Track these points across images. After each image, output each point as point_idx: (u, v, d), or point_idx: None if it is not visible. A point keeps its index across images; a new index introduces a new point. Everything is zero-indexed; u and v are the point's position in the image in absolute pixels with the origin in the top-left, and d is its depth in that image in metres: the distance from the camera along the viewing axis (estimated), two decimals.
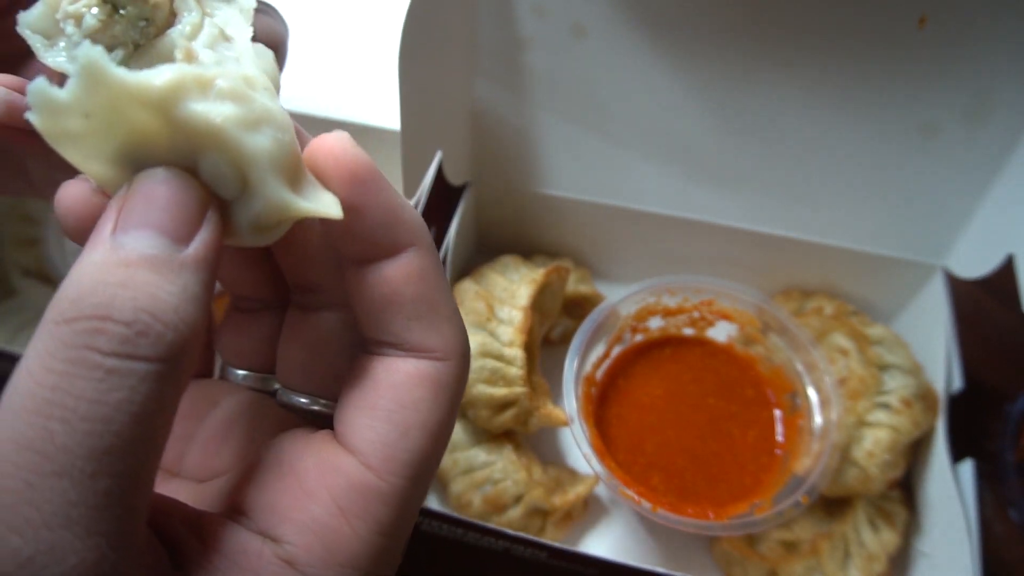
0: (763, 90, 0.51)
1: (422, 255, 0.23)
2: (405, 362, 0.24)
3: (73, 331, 0.18)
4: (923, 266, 0.57)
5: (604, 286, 0.64)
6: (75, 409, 0.17)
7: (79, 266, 0.19)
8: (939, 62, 0.47)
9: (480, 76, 0.55)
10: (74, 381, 0.17)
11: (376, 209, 0.22)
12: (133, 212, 0.20)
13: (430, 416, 0.23)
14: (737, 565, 0.52)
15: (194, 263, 0.20)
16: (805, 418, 0.51)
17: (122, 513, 0.18)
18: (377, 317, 0.24)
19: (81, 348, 0.17)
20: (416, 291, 0.23)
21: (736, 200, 0.57)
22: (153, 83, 0.19)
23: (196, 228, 0.20)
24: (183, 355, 0.19)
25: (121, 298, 0.18)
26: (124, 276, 0.19)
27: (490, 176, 0.61)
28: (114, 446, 0.17)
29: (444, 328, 0.24)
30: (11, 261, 0.61)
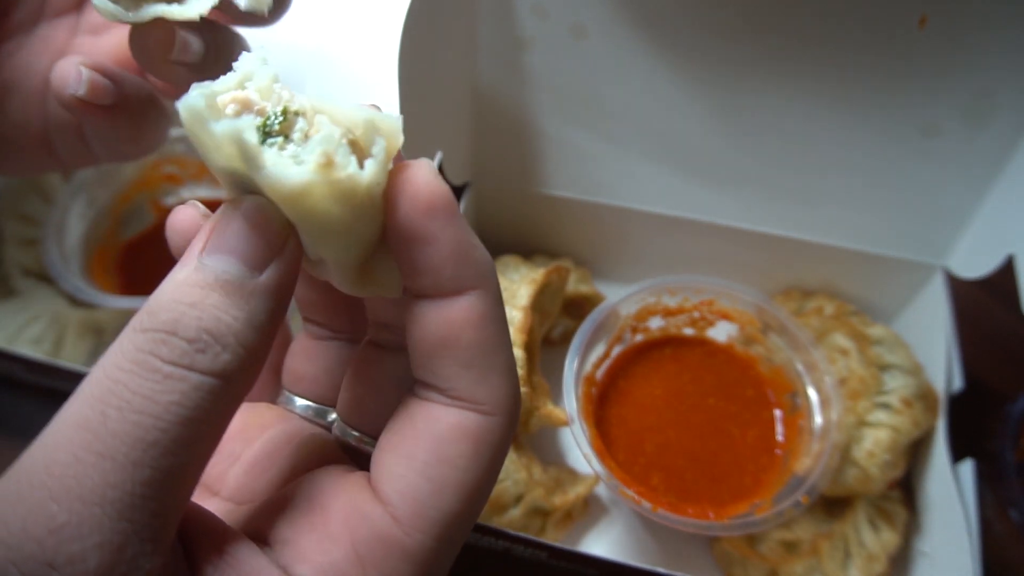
0: (763, 90, 0.51)
1: (486, 300, 0.23)
2: (450, 412, 0.23)
3: (144, 339, 0.20)
4: (923, 266, 0.57)
5: (604, 286, 0.64)
6: (130, 401, 0.19)
7: (167, 281, 0.21)
8: (939, 62, 0.47)
9: (480, 76, 0.55)
10: (134, 378, 0.19)
11: (446, 244, 0.22)
12: (219, 236, 0.21)
13: (467, 474, 0.23)
14: (737, 565, 0.52)
15: (264, 291, 0.21)
16: (805, 418, 0.51)
17: (156, 508, 0.19)
18: (429, 358, 0.23)
19: (146, 353, 0.19)
20: (474, 337, 0.22)
21: (736, 200, 0.57)
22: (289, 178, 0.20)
23: (272, 258, 0.21)
24: (238, 375, 0.20)
25: (188, 316, 0.20)
26: (197, 297, 0.20)
27: (490, 176, 0.61)
28: (159, 441, 0.19)
29: (497, 381, 0.23)
30: (11, 261, 0.61)
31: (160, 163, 0.63)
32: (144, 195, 0.64)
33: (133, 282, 0.61)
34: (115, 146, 0.40)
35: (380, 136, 0.21)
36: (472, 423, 0.23)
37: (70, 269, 0.55)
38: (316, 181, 0.20)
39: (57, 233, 0.57)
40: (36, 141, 0.40)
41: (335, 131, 0.21)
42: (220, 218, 0.21)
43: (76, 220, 0.59)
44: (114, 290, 0.60)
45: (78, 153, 0.41)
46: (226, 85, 0.22)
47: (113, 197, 0.62)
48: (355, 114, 0.21)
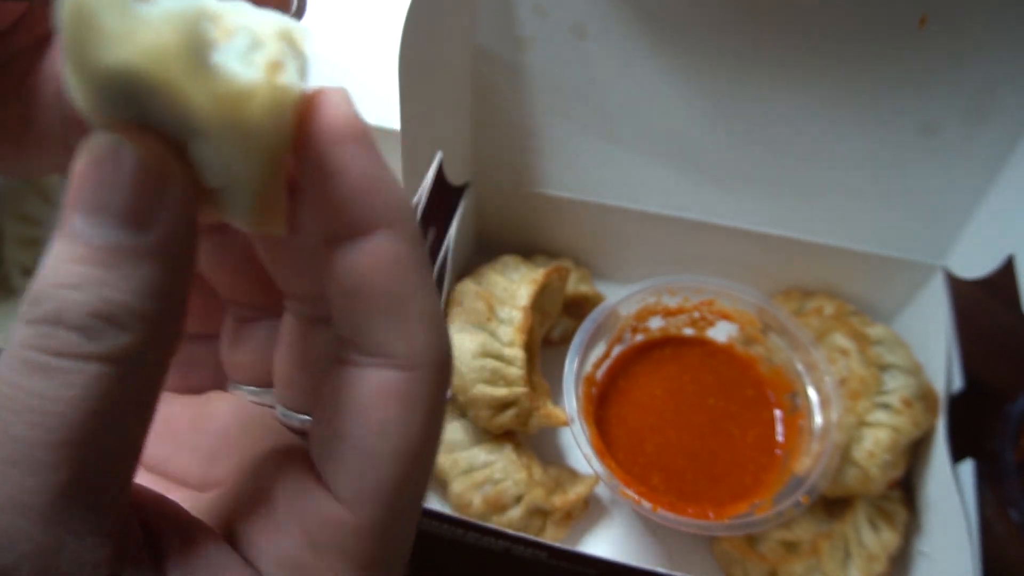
0: (763, 90, 0.51)
1: (397, 239, 0.20)
2: (371, 374, 0.20)
3: (30, 333, 0.17)
4: (923, 266, 0.57)
5: (604, 286, 0.64)
6: (27, 403, 0.17)
7: (48, 255, 0.18)
8: (939, 62, 0.47)
9: (480, 76, 0.55)
10: (25, 378, 0.17)
11: (353, 176, 0.19)
12: (86, 193, 0.18)
13: (401, 440, 0.20)
14: (737, 565, 0.52)
15: (157, 249, 0.18)
16: (805, 418, 0.51)
17: (88, 502, 0.18)
18: (343, 310, 0.21)
19: (34, 350, 0.17)
20: (383, 282, 0.20)
21: (736, 200, 0.57)
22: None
23: (156, 206, 0.18)
24: (147, 351, 0.18)
25: (71, 302, 0.17)
26: (77, 275, 0.17)
27: (490, 176, 0.61)
28: (70, 439, 0.17)
29: (414, 329, 0.20)
30: (11, 261, 0.61)
31: None
32: None
33: None
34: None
35: (295, 49, 0.19)
36: (394, 382, 0.20)
37: None
38: (262, 84, 0.18)
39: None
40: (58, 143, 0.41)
41: (264, 36, 0.18)
42: (82, 167, 0.18)
43: None
44: None
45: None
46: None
47: None
48: (267, 21, 0.19)
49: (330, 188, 0.20)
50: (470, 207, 0.61)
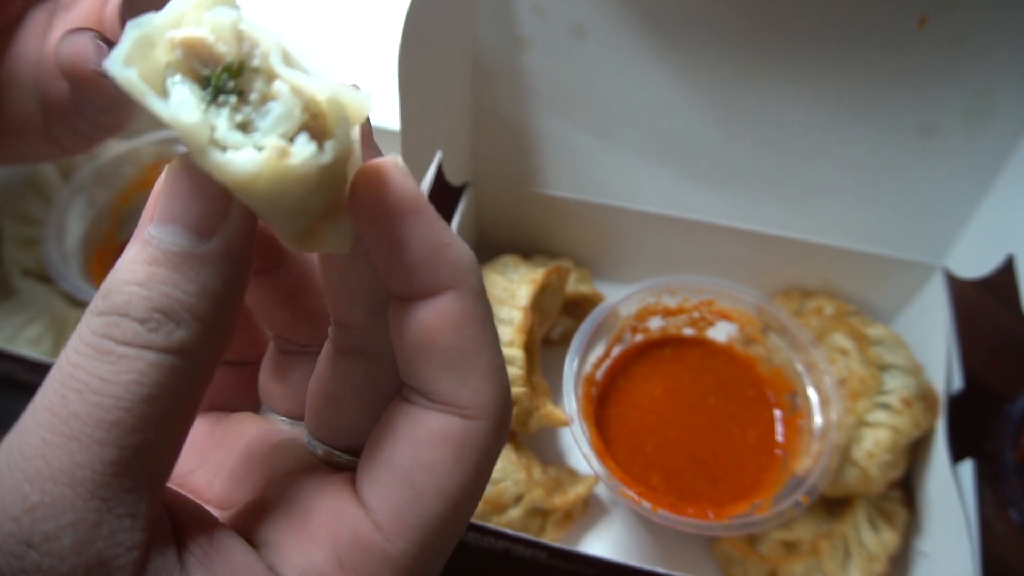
0: (763, 90, 0.51)
1: (463, 299, 0.21)
2: (430, 416, 0.22)
3: (98, 322, 0.19)
4: (923, 266, 0.57)
5: (604, 286, 0.64)
6: (88, 383, 0.19)
7: (121, 258, 0.20)
8: (939, 62, 0.47)
9: (480, 76, 0.55)
10: (90, 361, 0.19)
11: (416, 247, 0.21)
12: (162, 204, 0.20)
13: (449, 480, 0.21)
14: (737, 565, 0.52)
15: (216, 258, 0.20)
16: (805, 418, 0.51)
17: (129, 484, 0.19)
18: (410, 361, 0.22)
19: (100, 336, 0.19)
20: (452, 339, 0.21)
21: (736, 200, 0.57)
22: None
23: (218, 220, 0.20)
24: (199, 348, 0.20)
25: (138, 297, 0.19)
26: (145, 274, 0.19)
27: (490, 176, 0.61)
28: (122, 420, 0.19)
29: (478, 382, 0.22)
30: (11, 261, 0.61)
31: (159, 163, 0.63)
32: (144, 195, 0.64)
33: None
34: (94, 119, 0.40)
35: (345, 116, 0.20)
36: (455, 427, 0.22)
37: (70, 269, 0.55)
38: (265, 170, 0.19)
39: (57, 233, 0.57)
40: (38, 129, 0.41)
41: (295, 107, 0.19)
42: (163, 183, 0.20)
43: (76, 220, 0.59)
44: None
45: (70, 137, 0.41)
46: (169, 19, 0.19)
47: (113, 197, 0.62)
48: (319, 87, 0.20)
49: (399, 257, 0.21)
50: (470, 207, 0.61)
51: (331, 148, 0.19)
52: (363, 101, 0.20)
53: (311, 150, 0.19)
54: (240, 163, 0.18)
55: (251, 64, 0.19)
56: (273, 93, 0.19)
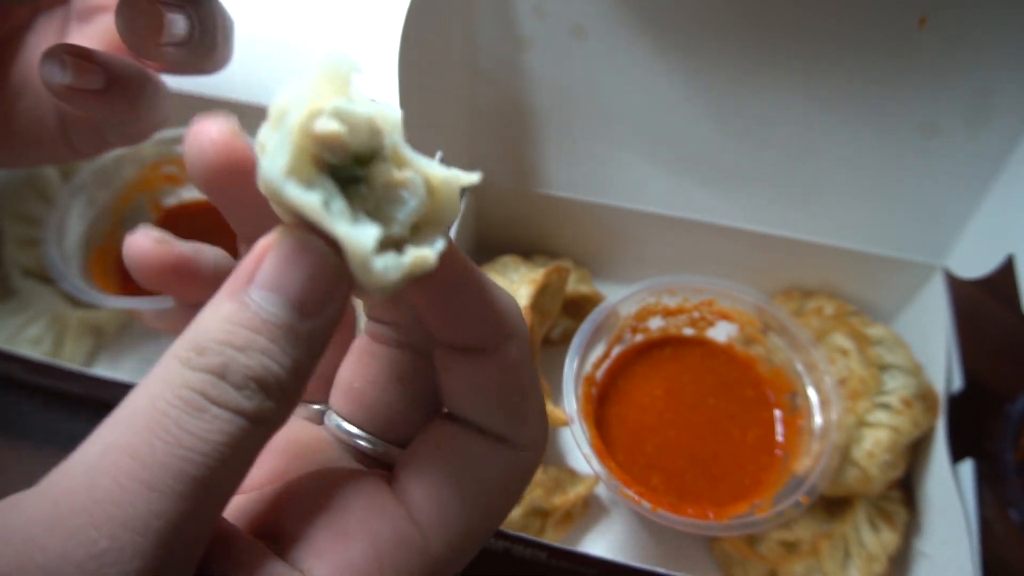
0: (763, 90, 0.51)
1: (517, 349, 0.23)
2: (486, 440, 0.24)
3: (194, 378, 0.19)
4: (923, 266, 0.57)
5: (604, 286, 0.64)
6: (178, 437, 0.19)
7: (213, 311, 0.20)
8: (939, 62, 0.47)
9: (480, 76, 0.55)
10: (183, 415, 0.19)
11: (474, 312, 0.23)
12: (273, 271, 0.20)
13: (494, 499, 0.23)
14: (737, 565, 0.52)
15: (312, 338, 0.20)
16: (805, 418, 0.51)
17: (193, 537, 0.19)
18: (463, 401, 0.24)
19: (196, 392, 0.19)
20: (506, 385, 0.23)
21: (736, 200, 0.57)
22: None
23: (325, 305, 0.21)
24: (278, 418, 0.20)
25: (237, 363, 0.20)
26: (246, 340, 0.20)
27: (490, 176, 0.61)
28: (203, 477, 0.19)
29: (528, 420, 0.24)
30: (11, 261, 0.61)
31: (160, 163, 0.63)
32: (144, 195, 0.64)
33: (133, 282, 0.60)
34: (119, 128, 0.40)
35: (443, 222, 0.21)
36: (506, 455, 0.24)
37: (70, 269, 0.55)
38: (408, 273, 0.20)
39: (57, 233, 0.57)
40: (54, 134, 0.41)
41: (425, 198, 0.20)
42: (274, 249, 0.20)
43: (76, 220, 0.59)
44: (114, 290, 0.59)
45: (91, 142, 0.41)
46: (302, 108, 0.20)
47: (113, 197, 0.62)
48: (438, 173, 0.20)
49: (452, 322, 0.23)
50: (470, 207, 0.61)
51: (442, 240, 0.20)
52: (463, 179, 0.21)
53: (441, 245, 0.20)
54: (391, 273, 0.19)
55: (382, 154, 0.20)
56: (403, 181, 0.20)
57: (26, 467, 0.57)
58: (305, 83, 0.20)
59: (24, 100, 0.40)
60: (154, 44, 0.34)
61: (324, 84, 0.20)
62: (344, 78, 0.21)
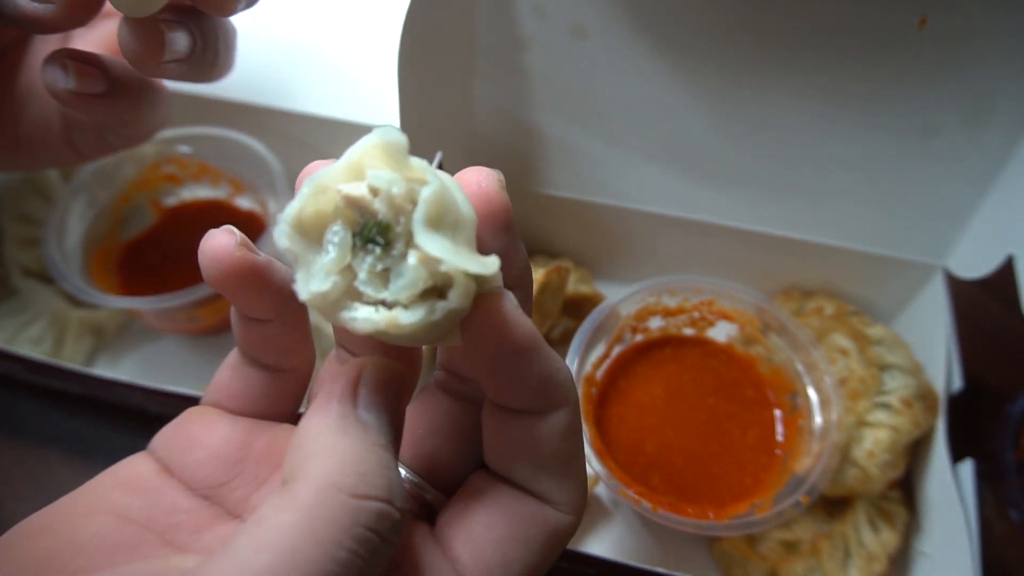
0: (763, 90, 0.51)
1: (570, 415, 0.24)
2: (530, 500, 0.24)
3: (365, 511, 0.19)
4: (923, 266, 0.57)
5: (604, 286, 0.64)
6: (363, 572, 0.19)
7: (337, 435, 0.21)
8: (939, 62, 0.47)
9: (480, 76, 0.55)
10: (355, 560, 0.19)
11: (532, 379, 0.23)
12: (377, 394, 0.22)
13: (535, 558, 0.24)
14: (737, 565, 0.52)
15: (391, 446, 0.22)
16: (805, 418, 0.51)
17: None
18: (510, 460, 0.24)
19: (367, 529, 0.19)
20: (555, 449, 0.24)
21: (736, 200, 0.57)
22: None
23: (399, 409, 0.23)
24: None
25: (394, 485, 0.20)
26: (383, 462, 0.21)
27: None
28: None
29: (572, 484, 0.24)
30: (11, 261, 0.61)
31: (160, 163, 0.63)
32: (144, 195, 0.64)
33: (133, 282, 0.61)
34: (121, 130, 0.40)
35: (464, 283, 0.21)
36: (551, 516, 0.24)
37: (70, 269, 0.55)
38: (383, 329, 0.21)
39: (57, 233, 0.57)
40: (59, 138, 0.41)
41: (419, 279, 0.21)
42: (369, 376, 0.22)
43: (76, 220, 0.59)
44: (114, 290, 0.60)
45: (95, 145, 0.41)
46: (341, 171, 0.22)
47: (113, 197, 0.62)
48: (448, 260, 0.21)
49: (510, 388, 0.23)
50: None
51: (441, 309, 0.21)
52: (489, 266, 0.21)
53: (420, 315, 0.21)
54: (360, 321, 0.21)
55: (396, 229, 0.22)
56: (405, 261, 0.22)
57: (26, 467, 0.57)
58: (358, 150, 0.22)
59: (30, 106, 0.40)
60: (157, 62, 0.35)
61: (379, 154, 0.22)
62: (399, 150, 0.22)
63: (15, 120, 0.40)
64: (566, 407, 0.24)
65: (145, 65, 0.35)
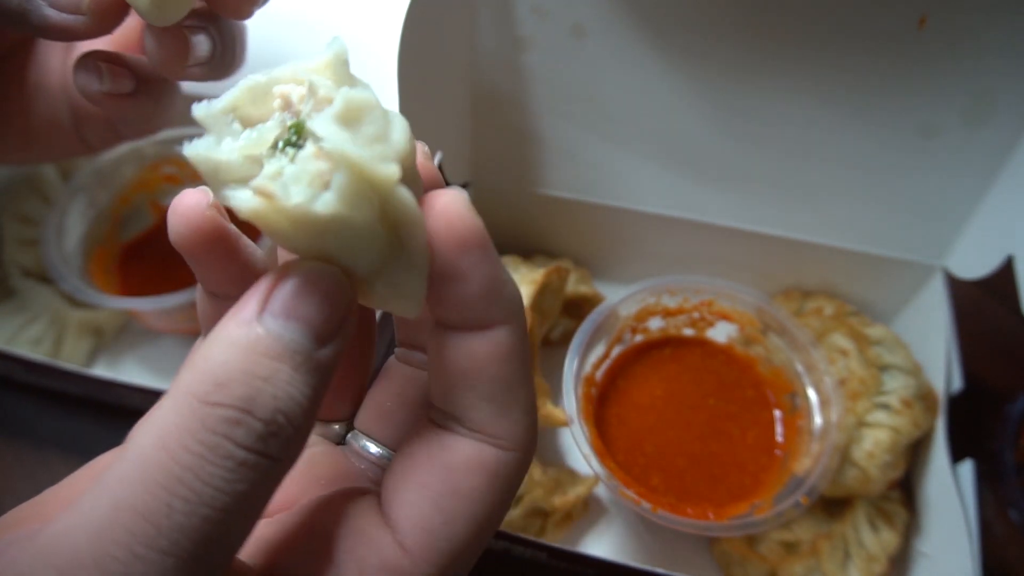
0: (763, 90, 0.51)
1: (513, 335, 0.22)
2: (466, 443, 0.22)
3: (216, 416, 0.18)
4: (923, 266, 0.57)
5: (604, 286, 0.64)
6: (200, 493, 0.17)
7: (223, 341, 0.19)
8: (939, 62, 0.47)
9: (480, 76, 0.55)
10: (205, 466, 0.17)
11: (478, 281, 0.21)
12: (287, 299, 0.20)
13: (480, 507, 0.22)
14: (737, 565, 0.51)
15: (326, 367, 0.20)
16: (805, 419, 0.51)
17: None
18: (450, 388, 0.23)
19: (220, 436, 0.18)
20: (497, 372, 0.22)
21: (736, 200, 0.57)
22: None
23: (339, 332, 0.20)
24: (297, 456, 0.19)
25: (264, 394, 0.18)
26: (269, 370, 0.18)
27: (490, 176, 0.61)
28: (222, 535, 0.18)
29: (516, 416, 0.23)
30: (11, 261, 0.61)
31: (159, 163, 0.63)
32: (144, 196, 0.64)
33: (133, 282, 0.61)
34: (139, 124, 0.41)
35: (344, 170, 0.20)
36: (489, 456, 0.22)
37: (70, 269, 0.55)
38: (262, 210, 0.20)
39: (57, 233, 0.57)
40: (69, 131, 0.42)
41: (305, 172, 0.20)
42: (290, 277, 0.20)
43: (76, 221, 0.59)
44: (114, 290, 0.60)
45: (105, 137, 0.43)
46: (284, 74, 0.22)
47: (113, 198, 0.62)
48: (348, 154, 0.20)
49: (455, 292, 0.21)
50: None
51: (324, 202, 0.20)
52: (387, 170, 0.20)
53: (300, 198, 0.20)
54: (238, 200, 0.20)
55: (308, 126, 0.21)
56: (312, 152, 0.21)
57: (26, 467, 0.57)
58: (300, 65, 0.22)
59: (40, 101, 0.41)
60: (182, 67, 0.35)
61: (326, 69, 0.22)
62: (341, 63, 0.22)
63: (26, 115, 0.41)
64: (509, 325, 0.22)
65: (171, 70, 0.36)
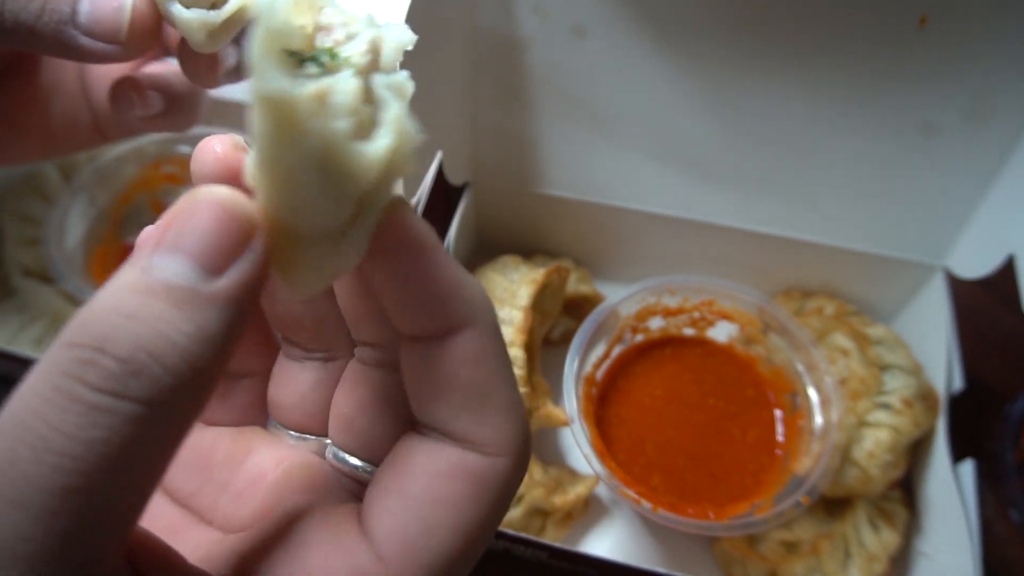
0: (763, 90, 0.51)
1: (481, 337, 0.21)
2: (449, 450, 0.21)
3: (69, 357, 0.16)
4: (923, 266, 0.57)
5: (604, 286, 0.64)
6: (46, 439, 0.16)
7: (107, 284, 0.18)
8: (939, 62, 0.47)
9: (480, 76, 0.55)
10: (52, 410, 0.16)
11: (435, 283, 0.20)
12: (171, 233, 0.18)
13: (465, 516, 0.21)
14: (737, 565, 0.51)
15: (221, 299, 0.18)
16: (805, 418, 0.51)
17: (83, 557, 0.16)
18: (427, 401, 0.21)
19: (69, 377, 0.16)
20: (469, 377, 0.21)
21: (736, 200, 0.57)
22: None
23: (234, 259, 0.18)
24: (183, 399, 0.17)
25: (122, 331, 0.16)
26: (136, 305, 0.17)
27: (490, 176, 0.61)
28: (80, 487, 0.16)
29: (498, 420, 0.21)
30: (11, 261, 0.61)
31: (160, 162, 0.63)
32: (144, 195, 0.64)
33: None
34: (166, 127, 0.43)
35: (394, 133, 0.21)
36: (473, 463, 0.21)
37: (70, 269, 0.55)
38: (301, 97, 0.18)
39: (57, 233, 0.57)
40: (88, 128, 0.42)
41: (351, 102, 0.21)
42: (178, 209, 0.18)
43: (76, 220, 0.59)
44: None
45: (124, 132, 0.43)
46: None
47: (113, 197, 0.62)
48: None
49: (415, 297, 0.20)
50: (470, 207, 0.61)
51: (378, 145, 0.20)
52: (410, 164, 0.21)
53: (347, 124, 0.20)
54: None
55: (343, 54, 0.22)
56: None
57: None
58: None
59: (57, 101, 0.41)
60: (215, 78, 0.36)
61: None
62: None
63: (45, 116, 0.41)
64: (473, 328, 0.21)
65: (205, 82, 0.36)
